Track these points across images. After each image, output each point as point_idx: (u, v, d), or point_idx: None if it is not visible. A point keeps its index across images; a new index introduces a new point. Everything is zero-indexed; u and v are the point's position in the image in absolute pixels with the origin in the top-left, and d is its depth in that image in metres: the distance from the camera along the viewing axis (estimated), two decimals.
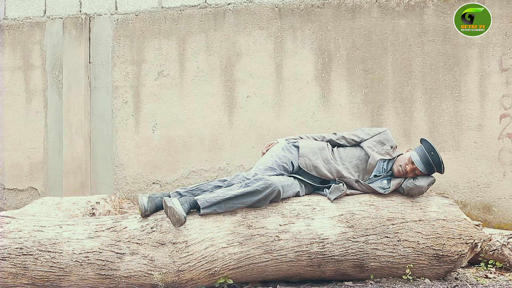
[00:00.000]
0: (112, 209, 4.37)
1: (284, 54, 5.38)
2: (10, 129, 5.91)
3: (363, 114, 5.21)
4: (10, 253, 3.30)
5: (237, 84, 5.46)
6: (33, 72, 5.90)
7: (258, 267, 3.46)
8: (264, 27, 5.42)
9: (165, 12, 5.64)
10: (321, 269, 3.53)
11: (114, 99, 5.70)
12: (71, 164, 5.66)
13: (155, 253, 3.33)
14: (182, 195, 3.60)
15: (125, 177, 5.65)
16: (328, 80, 5.29)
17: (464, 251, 3.58)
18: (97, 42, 5.77)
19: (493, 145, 4.91)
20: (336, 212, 3.58)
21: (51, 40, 5.85)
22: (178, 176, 5.53)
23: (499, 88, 4.91)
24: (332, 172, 3.73)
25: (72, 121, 5.68)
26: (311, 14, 5.33)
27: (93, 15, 5.79)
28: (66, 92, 5.72)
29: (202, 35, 5.54)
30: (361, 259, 3.52)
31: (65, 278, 3.31)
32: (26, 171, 5.87)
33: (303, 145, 3.80)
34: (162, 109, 5.59)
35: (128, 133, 5.66)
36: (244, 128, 5.42)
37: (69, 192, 5.62)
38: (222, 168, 5.44)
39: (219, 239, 3.40)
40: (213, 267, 3.37)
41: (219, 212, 3.48)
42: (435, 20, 4.98)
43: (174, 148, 5.55)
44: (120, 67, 5.70)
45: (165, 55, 5.61)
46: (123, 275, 3.31)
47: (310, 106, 5.30)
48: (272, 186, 3.50)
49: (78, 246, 3.34)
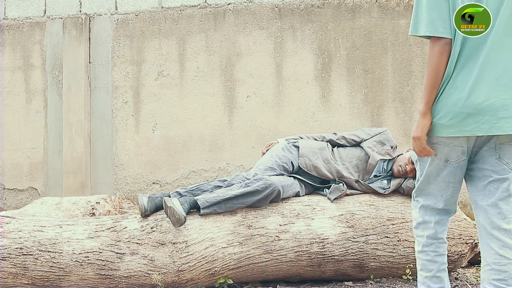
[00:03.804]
0: (112, 209, 4.37)
1: (284, 54, 5.38)
2: (10, 129, 5.90)
3: (363, 114, 5.21)
4: (10, 253, 3.30)
5: (237, 84, 5.46)
6: (33, 72, 5.90)
7: (258, 267, 3.46)
8: (264, 27, 5.42)
9: (165, 12, 5.64)
10: (321, 269, 3.53)
11: (114, 99, 5.70)
12: (71, 164, 5.66)
13: (155, 253, 3.33)
14: (182, 195, 3.60)
15: (125, 177, 5.64)
16: (328, 80, 5.29)
17: (464, 251, 3.58)
18: (97, 42, 5.77)
19: None
20: (336, 212, 3.58)
21: (51, 40, 5.85)
22: (178, 176, 5.53)
23: None
24: (332, 172, 3.73)
25: (72, 121, 5.68)
26: (311, 14, 5.33)
27: (93, 15, 5.79)
28: (66, 92, 5.72)
29: (202, 35, 5.54)
30: (361, 259, 3.52)
31: (65, 278, 3.31)
32: (26, 171, 5.87)
33: (303, 145, 3.80)
34: (162, 109, 5.59)
35: (128, 133, 5.66)
36: (244, 128, 5.42)
37: (69, 192, 5.62)
38: (222, 168, 5.44)
39: (219, 239, 3.40)
40: (213, 267, 3.37)
41: (219, 212, 3.48)
42: None
43: (174, 148, 5.55)
44: (120, 67, 5.70)
45: (165, 55, 5.61)
46: (123, 275, 3.31)
47: (310, 106, 5.30)
48: (272, 186, 3.50)
49: (78, 246, 3.34)
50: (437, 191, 2.30)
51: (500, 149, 2.15)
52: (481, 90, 2.10)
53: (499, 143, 2.14)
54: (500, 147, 2.15)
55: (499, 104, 2.09)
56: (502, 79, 2.10)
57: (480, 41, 2.13)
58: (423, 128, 2.18)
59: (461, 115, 2.12)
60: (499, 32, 2.12)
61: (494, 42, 2.12)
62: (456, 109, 2.13)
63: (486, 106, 2.10)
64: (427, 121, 2.18)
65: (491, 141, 2.16)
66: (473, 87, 2.11)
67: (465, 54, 2.14)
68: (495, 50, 2.12)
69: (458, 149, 2.19)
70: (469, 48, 2.14)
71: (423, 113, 2.19)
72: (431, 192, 2.31)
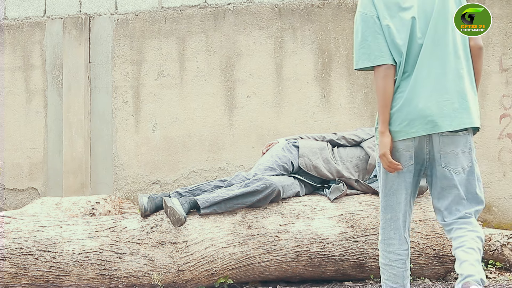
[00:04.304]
0: (112, 209, 4.36)
1: (284, 54, 5.38)
2: (10, 129, 5.90)
3: (363, 114, 5.20)
4: (10, 253, 3.30)
5: (237, 84, 5.46)
6: (33, 72, 5.90)
7: (258, 267, 3.46)
8: (264, 27, 5.42)
9: (165, 12, 5.64)
10: (321, 269, 3.53)
11: (114, 99, 5.70)
12: (71, 164, 5.66)
13: (155, 253, 3.33)
14: (182, 195, 3.60)
15: (125, 177, 5.64)
16: (328, 80, 5.29)
17: None
18: (97, 42, 5.76)
19: (493, 145, 4.91)
20: (336, 212, 3.58)
21: (51, 40, 5.85)
22: (178, 176, 5.53)
23: (499, 88, 4.90)
24: (332, 172, 3.73)
25: (72, 121, 5.68)
26: (311, 14, 5.33)
27: (93, 15, 5.79)
28: (66, 92, 5.72)
29: (202, 35, 5.54)
30: (361, 259, 3.52)
31: (65, 278, 3.31)
32: (26, 171, 5.87)
33: (303, 145, 3.79)
34: (162, 109, 5.58)
35: (128, 133, 5.66)
36: (244, 128, 5.42)
37: (69, 192, 5.62)
38: (222, 168, 5.44)
39: (219, 239, 3.40)
40: (213, 267, 3.37)
41: (219, 212, 3.48)
42: None
43: (174, 148, 5.55)
44: (120, 67, 5.70)
45: (165, 55, 5.60)
46: (123, 275, 3.31)
47: (310, 106, 5.29)
48: (272, 186, 3.50)
49: (78, 246, 3.34)
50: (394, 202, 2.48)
51: (445, 157, 2.40)
52: (420, 96, 2.37)
53: (443, 153, 2.40)
54: (445, 156, 2.40)
55: (436, 107, 2.36)
56: (437, 85, 2.38)
57: (416, 52, 2.40)
58: (386, 144, 2.40)
59: (406, 120, 2.38)
60: (430, 42, 2.39)
61: (427, 52, 2.39)
62: (402, 115, 2.39)
63: (426, 109, 2.36)
64: (387, 138, 2.40)
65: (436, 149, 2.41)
66: (413, 95, 2.38)
67: (407, 67, 2.41)
68: (428, 59, 2.39)
69: (406, 154, 2.42)
70: (410, 60, 2.41)
71: (381, 132, 2.41)
72: (389, 204, 2.49)
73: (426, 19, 2.40)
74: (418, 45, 2.40)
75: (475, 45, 2.44)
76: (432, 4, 2.41)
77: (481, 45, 2.45)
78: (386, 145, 2.39)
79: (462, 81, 2.39)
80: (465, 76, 2.40)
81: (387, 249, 2.50)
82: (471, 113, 2.39)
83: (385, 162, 2.41)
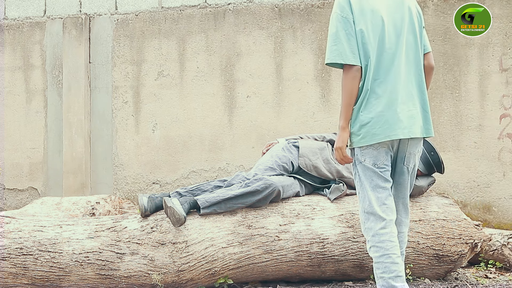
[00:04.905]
0: (112, 209, 4.37)
1: (284, 54, 5.38)
2: (10, 129, 5.91)
3: None
4: (10, 253, 3.30)
5: (237, 84, 5.46)
6: (33, 72, 5.90)
7: (258, 267, 3.46)
8: (264, 27, 5.42)
9: (165, 12, 5.64)
10: (321, 269, 3.53)
11: (114, 99, 5.70)
12: (71, 164, 5.66)
13: (155, 253, 3.33)
14: (182, 195, 3.60)
15: (125, 177, 5.65)
16: (328, 80, 5.29)
17: (464, 251, 3.58)
18: (97, 42, 5.77)
19: (493, 145, 4.91)
20: (336, 212, 3.58)
21: (51, 40, 5.85)
22: (178, 176, 5.53)
23: (499, 88, 4.91)
24: (332, 172, 3.74)
25: (72, 121, 5.68)
26: (311, 14, 5.33)
27: (93, 15, 5.79)
28: (66, 92, 5.72)
29: (202, 35, 5.54)
30: (361, 259, 3.52)
31: (65, 278, 3.31)
32: (26, 171, 5.87)
33: (303, 145, 3.80)
34: (162, 109, 5.59)
35: (128, 133, 5.66)
36: (244, 128, 5.42)
37: (69, 192, 5.62)
38: (222, 168, 5.44)
39: (219, 239, 3.40)
40: (213, 267, 3.37)
41: (219, 212, 3.48)
42: (435, 20, 4.98)
43: (174, 148, 5.55)
44: (120, 67, 5.70)
45: (165, 55, 5.61)
46: (123, 275, 3.31)
47: (310, 106, 5.30)
48: (272, 186, 3.50)
49: (78, 246, 3.34)
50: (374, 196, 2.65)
51: (407, 158, 2.72)
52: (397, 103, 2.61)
53: (408, 153, 2.71)
54: (408, 156, 2.72)
55: (409, 115, 2.63)
56: (408, 94, 2.65)
57: (388, 61, 2.62)
58: (344, 139, 2.64)
59: (387, 124, 2.60)
60: (401, 54, 2.63)
61: (399, 62, 2.63)
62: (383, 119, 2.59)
63: (402, 116, 2.61)
64: (346, 134, 2.64)
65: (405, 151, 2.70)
66: (391, 101, 2.61)
67: (379, 73, 2.61)
68: (399, 69, 2.63)
69: (383, 152, 2.64)
70: (382, 67, 2.61)
71: (343, 127, 2.63)
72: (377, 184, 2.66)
73: (395, 31, 2.64)
74: (389, 54, 2.62)
75: (429, 65, 2.77)
76: (401, 19, 2.66)
77: (433, 66, 2.79)
78: (344, 140, 2.63)
79: (425, 92, 2.72)
80: (425, 89, 2.73)
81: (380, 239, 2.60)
82: (431, 122, 2.75)
83: (340, 155, 2.66)
